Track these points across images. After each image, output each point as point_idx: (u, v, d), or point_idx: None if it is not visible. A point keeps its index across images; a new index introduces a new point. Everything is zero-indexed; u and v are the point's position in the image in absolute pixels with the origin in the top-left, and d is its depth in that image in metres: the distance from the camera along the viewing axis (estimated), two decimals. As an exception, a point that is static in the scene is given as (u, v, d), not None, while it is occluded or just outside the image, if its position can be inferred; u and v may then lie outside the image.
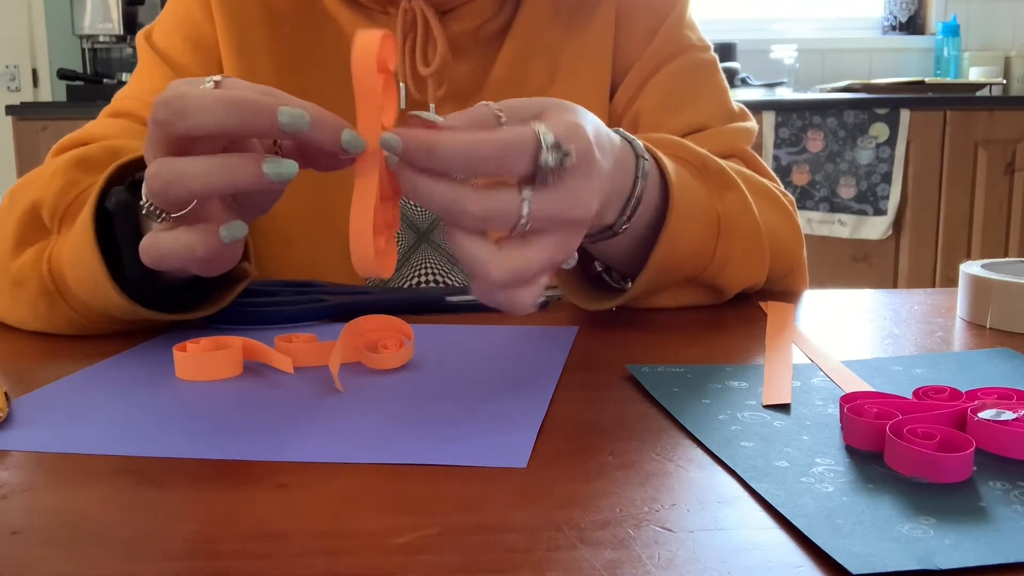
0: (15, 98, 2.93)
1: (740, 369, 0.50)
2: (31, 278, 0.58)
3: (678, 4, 0.80)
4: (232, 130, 0.44)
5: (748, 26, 3.08)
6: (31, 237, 0.59)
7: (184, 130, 0.44)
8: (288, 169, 0.44)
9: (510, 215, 0.43)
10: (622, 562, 0.29)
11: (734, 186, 0.63)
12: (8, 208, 0.61)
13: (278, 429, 0.41)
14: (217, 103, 0.43)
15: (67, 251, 0.56)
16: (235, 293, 0.61)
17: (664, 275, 0.60)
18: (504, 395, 0.46)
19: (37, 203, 0.59)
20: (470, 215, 0.42)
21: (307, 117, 0.43)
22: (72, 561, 0.29)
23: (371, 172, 0.44)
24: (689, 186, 0.59)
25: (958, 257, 2.53)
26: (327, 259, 0.77)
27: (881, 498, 0.33)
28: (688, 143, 0.64)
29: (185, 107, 0.43)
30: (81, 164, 0.61)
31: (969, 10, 3.03)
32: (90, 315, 0.58)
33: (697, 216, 0.59)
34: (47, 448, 0.39)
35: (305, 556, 0.29)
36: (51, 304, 0.58)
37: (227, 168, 0.44)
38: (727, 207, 0.62)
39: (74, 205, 0.59)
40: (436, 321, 0.63)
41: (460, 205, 0.42)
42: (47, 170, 0.61)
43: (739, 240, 0.62)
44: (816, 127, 2.51)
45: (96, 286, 0.55)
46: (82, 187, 0.60)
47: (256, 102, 0.43)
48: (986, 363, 0.51)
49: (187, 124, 0.43)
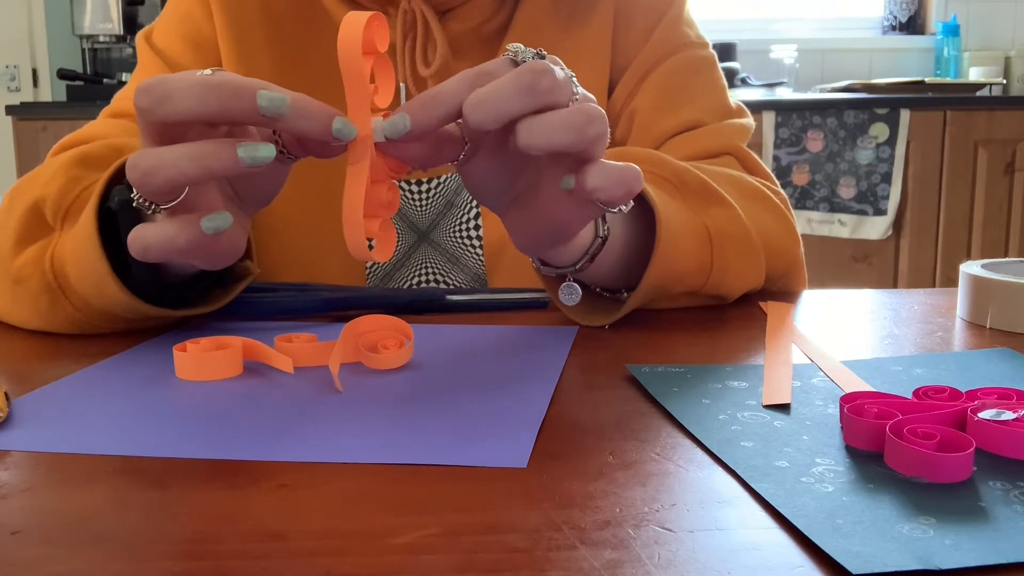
0: (15, 98, 2.93)
1: (740, 369, 0.50)
2: (33, 275, 0.58)
3: (676, 1, 0.80)
4: (212, 114, 0.43)
5: (748, 26, 3.08)
6: (33, 235, 0.59)
7: (164, 115, 0.43)
8: (264, 153, 0.43)
9: (567, 81, 0.44)
10: (622, 562, 0.29)
11: (718, 198, 0.63)
12: (9, 207, 0.61)
13: (278, 429, 0.41)
14: (196, 86, 0.43)
15: (70, 248, 0.57)
16: (237, 291, 0.61)
17: (662, 292, 0.61)
18: (504, 395, 0.46)
19: (39, 201, 0.59)
20: (541, 87, 0.43)
21: (288, 101, 0.43)
22: (72, 561, 0.29)
23: (362, 158, 0.45)
24: (671, 207, 0.60)
25: (958, 257, 2.53)
26: (326, 262, 0.77)
27: (881, 498, 0.33)
28: (666, 157, 0.64)
29: (166, 92, 0.43)
30: (83, 162, 0.61)
31: (969, 10, 3.03)
32: (91, 313, 0.58)
33: (685, 236, 0.60)
34: (47, 448, 0.39)
35: (305, 556, 0.29)
36: (53, 301, 0.58)
37: (201, 154, 0.43)
38: (715, 221, 0.62)
39: (76, 203, 0.59)
40: (436, 321, 0.63)
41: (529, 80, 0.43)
42: (49, 168, 0.62)
43: (733, 251, 0.62)
44: (816, 127, 2.51)
45: (99, 282, 0.55)
46: (84, 184, 0.60)
47: (237, 85, 0.43)
48: (986, 363, 0.51)
49: (166, 109, 0.43)
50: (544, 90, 0.43)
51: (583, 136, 0.43)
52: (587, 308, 0.62)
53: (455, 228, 0.78)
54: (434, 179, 0.78)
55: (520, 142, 0.43)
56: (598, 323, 0.61)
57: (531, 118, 0.43)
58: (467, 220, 0.78)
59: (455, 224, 0.78)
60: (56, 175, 0.60)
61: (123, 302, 0.55)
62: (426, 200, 0.78)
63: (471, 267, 0.78)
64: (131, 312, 0.56)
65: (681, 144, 0.76)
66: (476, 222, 0.78)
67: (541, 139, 0.43)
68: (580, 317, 0.61)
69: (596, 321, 0.61)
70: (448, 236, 0.78)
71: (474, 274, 0.78)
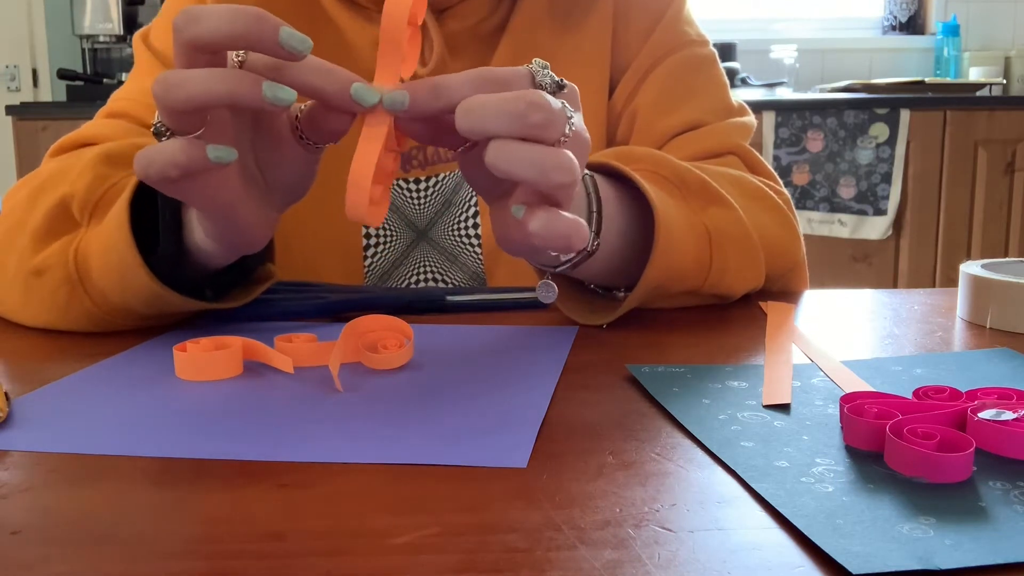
0: (15, 98, 2.93)
1: (740, 369, 0.50)
2: (55, 266, 0.58)
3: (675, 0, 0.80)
4: (238, 34, 0.44)
5: (748, 26, 3.08)
6: (60, 229, 0.60)
7: (194, 34, 0.44)
8: (287, 95, 0.44)
9: (561, 120, 0.44)
10: (622, 562, 0.29)
11: (718, 197, 0.63)
12: (31, 203, 0.62)
13: (278, 429, 0.41)
14: (228, 10, 0.44)
15: (97, 240, 0.57)
16: (257, 292, 0.62)
17: (661, 291, 0.61)
18: (504, 395, 0.46)
19: (67, 196, 0.60)
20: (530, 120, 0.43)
21: (308, 42, 0.44)
22: (72, 561, 0.29)
23: (382, 123, 0.46)
24: (670, 206, 0.60)
25: (958, 257, 2.53)
26: (326, 260, 0.77)
27: (881, 498, 0.33)
28: (668, 157, 0.64)
29: (199, 14, 0.44)
30: (109, 160, 0.62)
31: (969, 10, 3.03)
32: (108, 308, 0.58)
33: (684, 236, 0.60)
34: (47, 448, 0.39)
35: (305, 556, 0.29)
36: (71, 294, 0.58)
37: (228, 76, 0.44)
38: (714, 221, 0.62)
39: (104, 198, 0.60)
40: (436, 321, 0.63)
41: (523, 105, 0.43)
42: (75, 166, 0.62)
43: (732, 251, 0.63)
44: (816, 127, 2.51)
45: (125, 273, 0.55)
46: (112, 182, 0.60)
47: (264, 15, 0.44)
48: (986, 363, 0.51)
49: (197, 28, 0.44)
50: (533, 123, 0.43)
51: (546, 179, 0.43)
52: (586, 307, 0.62)
53: (453, 227, 0.78)
54: (432, 178, 0.78)
55: (486, 158, 0.44)
56: (596, 322, 0.61)
57: (505, 142, 0.43)
58: (465, 219, 0.78)
59: (453, 223, 0.78)
60: (84, 172, 0.61)
61: (148, 290, 0.56)
62: (424, 199, 0.78)
63: (470, 266, 0.78)
64: (151, 304, 0.57)
65: (684, 144, 0.75)
66: (475, 220, 0.78)
67: (504, 164, 0.43)
68: (578, 316, 0.61)
69: (595, 320, 0.61)
70: (446, 235, 0.78)
71: (473, 273, 0.79)
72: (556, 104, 0.44)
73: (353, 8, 0.77)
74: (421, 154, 0.78)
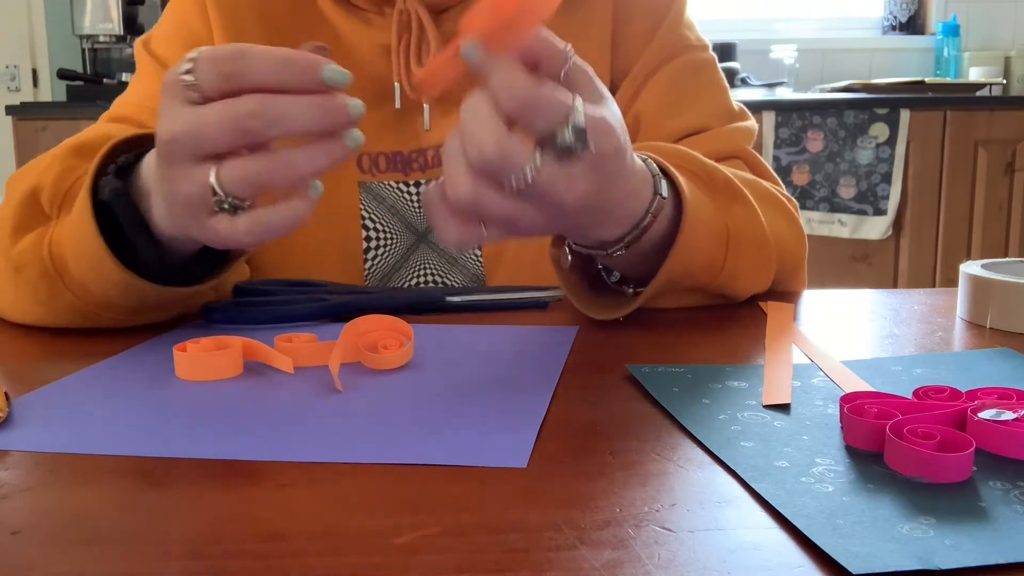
0: (15, 98, 2.93)
1: (740, 369, 0.50)
2: (32, 262, 0.58)
3: (675, 3, 0.80)
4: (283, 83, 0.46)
5: (748, 26, 3.08)
6: (30, 223, 0.60)
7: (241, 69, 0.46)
8: (358, 136, 0.48)
9: (519, 163, 0.44)
10: (622, 562, 0.29)
11: (741, 197, 0.63)
12: (8, 198, 0.62)
13: (278, 429, 0.41)
14: (278, 58, 0.46)
15: (67, 233, 0.57)
16: (234, 266, 0.62)
17: (672, 285, 0.61)
18: (504, 395, 0.46)
19: (36, 189, 0.60)
20: (485, 149, 0.43)
21: (348, 74, 0.47)
22: (72, 561, 0.29)
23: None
24: (699, 201, 0.59)
25: (958, 257, 2.53)
26: (326, 260, 0.77)
27: (881, 498, 0.33)
28: (694, 153, 0.64)
29: (247, 51, 0.46)
30: (79, 151, 0.62)
31: (969, 10, 3.03)
32: (90, 300, 0.58)
33: (706, 232, 0.60)
34: (47, 448, 0.39)
35: (305, 556, 0.29)
36: (51, 287, 0.58)
37: (332, 152, 0.47)
38: (735, 220, 0.62)
39: (72, 190, 0.60)
40: (436, 321, 0.63)
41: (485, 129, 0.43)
42: (44, 158, 0.62)
43: (748, 252, 0.62)
44: (816, 127, 2.51)
45: (97, 264, 0.55)
46: (79, 174, 0.60)
47: (313, 63, 0.46)
48: (986, 363, 0.51)
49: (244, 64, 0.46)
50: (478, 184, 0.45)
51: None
52: (592, 302, 0.62)
53: None
54: (432, 181, 0.78)
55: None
56: (610, 316, 0.60)
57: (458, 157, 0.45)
58: None
59: None
60: (52, 164, 0.61)
61: (122, 282, 0.56)
62: None
63: (469, 268, 0.78)
64: (128, 294, 0.57)
65: (690, 147, 0.75)
66: None
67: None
68: (592, 311, 0.61)
69: (607, 315, 0.61)
70: None
71: (473, 275, 0.79)
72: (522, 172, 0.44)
73: (351, 11, 0.77)
74: (421, 158, 0.78)
